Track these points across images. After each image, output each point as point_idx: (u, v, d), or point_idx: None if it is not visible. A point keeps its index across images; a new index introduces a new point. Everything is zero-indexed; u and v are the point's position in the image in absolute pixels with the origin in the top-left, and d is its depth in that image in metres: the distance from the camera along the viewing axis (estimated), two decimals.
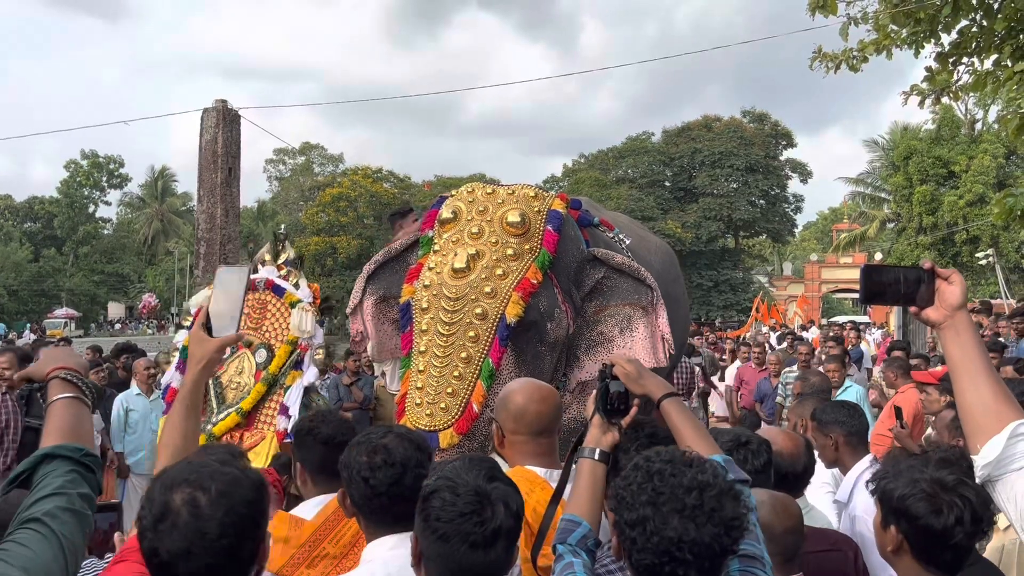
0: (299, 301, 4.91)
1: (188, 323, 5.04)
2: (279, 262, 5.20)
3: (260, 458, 4.40)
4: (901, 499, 1.66)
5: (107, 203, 54.70)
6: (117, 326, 47.41)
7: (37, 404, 1.67)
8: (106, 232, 54.39)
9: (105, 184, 52.88)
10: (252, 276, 4.94)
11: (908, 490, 1.66)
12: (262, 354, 4.85)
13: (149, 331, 44.54)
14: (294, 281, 5.05)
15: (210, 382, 4.80)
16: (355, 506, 1.77)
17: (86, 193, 51.78)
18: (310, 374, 4.87)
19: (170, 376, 5.17)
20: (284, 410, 4.68)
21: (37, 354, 5.36)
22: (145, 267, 52.82)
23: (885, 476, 1.74)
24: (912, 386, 6.03)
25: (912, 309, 1.58)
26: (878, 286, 1.59)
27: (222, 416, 4.74)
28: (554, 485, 2.06)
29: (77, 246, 50.36)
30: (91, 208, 52.61)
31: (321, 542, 2.09)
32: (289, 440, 4.63)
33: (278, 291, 4.98)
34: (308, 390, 4.85)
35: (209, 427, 4.68)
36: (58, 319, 40.76)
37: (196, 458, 1.42)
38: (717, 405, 9.55)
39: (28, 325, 38.40)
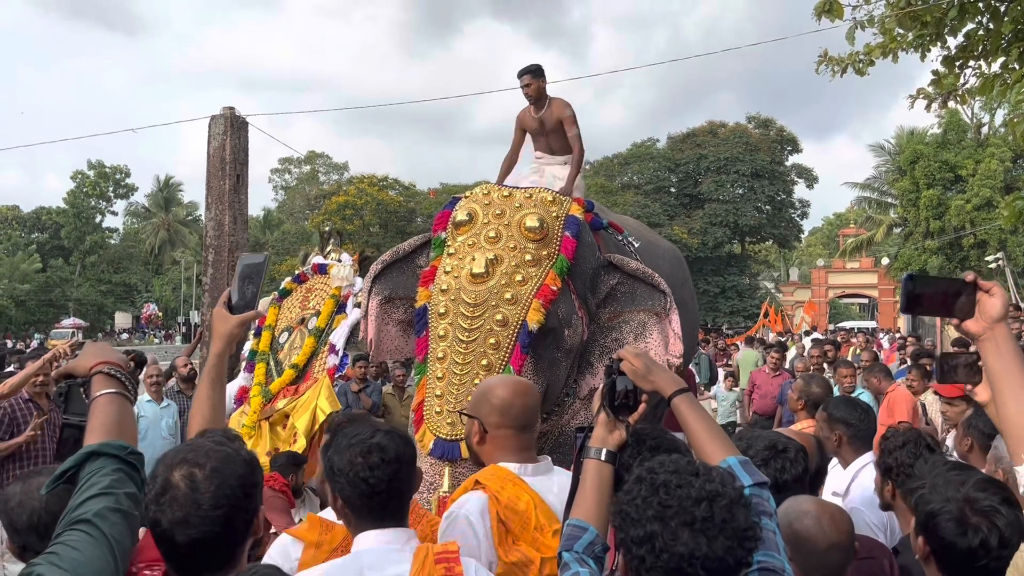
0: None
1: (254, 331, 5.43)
2: (325, 252, 5.59)
3: (312, 401, 4.59)
4: (930, 515, 1.63)
5: (114, 213, 54.95)
6: (124, 336, 47.50)
7: (77, 400, 1.66)
8: (113, 242, 54.51)
9: (111, 194, 52.99)
10: (302, 268, 5.55)
11: (939, 506, 1.63)
12: (312, 321, 5.10)
13: (156, 340, 44.64)
14: (336, 257, 5.40)
15: (271, 362, 5.13)
16: (349, 506, 1.77)
17: (92, 203, 51.90)
18: (354, 315, 4.99)
19: (240, 378, 5.51)
20: (332, 348, 4.90)
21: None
22: (152, 277, 52.95)
23: (923, 485, 1.70)
24: (898, 384, 6.06)
25: (953, 321, 1.59)
26: (920, 296, 1.60)
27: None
28: (527, 479, 2.03)
29: (84, 256, 50.48)
30: (98, 218, 52.72)
31: None
32: (339, 374, 4.99)
33: (322, 270, 5.41)
34: (354, 330, 5.02)
35: (267, 388, 4.91)
36: (65, 329, 40.77)
37: (195, 441, 1.53)
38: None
39: (37, 336, 38.49)
